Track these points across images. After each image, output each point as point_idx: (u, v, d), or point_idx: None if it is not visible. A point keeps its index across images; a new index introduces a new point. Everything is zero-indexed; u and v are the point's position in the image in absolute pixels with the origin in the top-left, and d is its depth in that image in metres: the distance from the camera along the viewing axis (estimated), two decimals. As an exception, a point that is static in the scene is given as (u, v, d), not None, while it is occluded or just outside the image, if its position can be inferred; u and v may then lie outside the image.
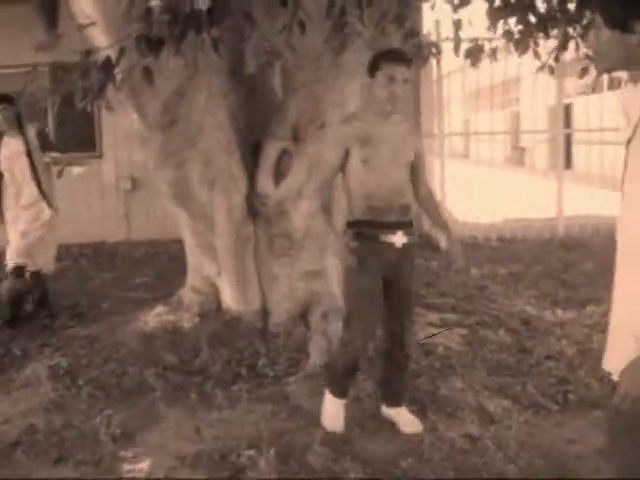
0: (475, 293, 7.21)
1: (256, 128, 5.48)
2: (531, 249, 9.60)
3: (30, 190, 6.36)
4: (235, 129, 5.34)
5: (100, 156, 11.02)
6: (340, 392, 4.18)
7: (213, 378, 4.89)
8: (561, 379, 4.90)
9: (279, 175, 5.39)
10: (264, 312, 5.63)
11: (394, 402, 4.26)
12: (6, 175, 6.43)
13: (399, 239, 3.88)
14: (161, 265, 9.30)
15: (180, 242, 6.20)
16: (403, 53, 3.88)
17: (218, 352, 5.18)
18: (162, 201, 5.89)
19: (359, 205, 3.88)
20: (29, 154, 6.31)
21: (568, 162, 19.23)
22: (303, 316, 5.63)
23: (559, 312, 6.57)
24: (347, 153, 3.85)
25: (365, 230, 3.87)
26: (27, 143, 6.33)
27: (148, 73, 4.03)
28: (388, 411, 4.28)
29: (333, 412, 4.18)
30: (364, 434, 4.14)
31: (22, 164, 6.32)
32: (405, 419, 4.21)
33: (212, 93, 5.11)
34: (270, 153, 5.38)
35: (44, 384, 4.94)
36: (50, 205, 6.43)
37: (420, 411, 4.36)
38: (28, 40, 9.94)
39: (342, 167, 3.91)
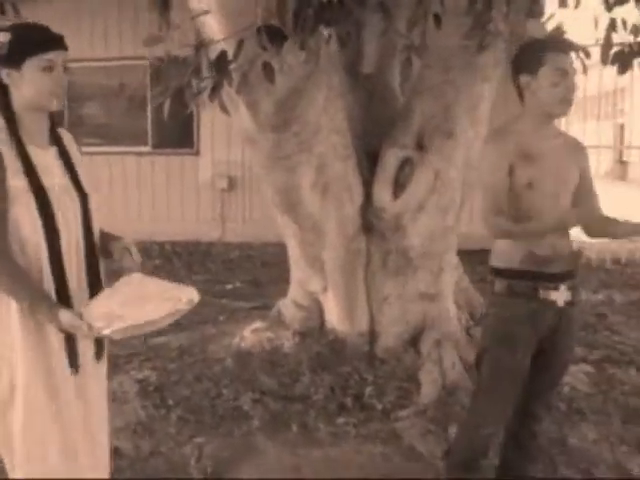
0: (594, 322, 6.59)
1: (375, 134, 5.01)
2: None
3: None
4: (353, 134, 4.87)
5: (197, 153, 10.72)
6: None
7: (315, 407, 4.42)
8: None
9: (398, 187, 4.88)
10: (372, 335, 5.14)
11: None
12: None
13: (562, 296, 2.95)
14: (255, 270, 8.92)
15: (275, 246, 5.79)
16: (570, 40, 3.10)
17: (321, 377, 4.72)
18: (268, 204, 5.44)
19: (517, 249, 2.94)
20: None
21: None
22: (414, 342, 5.13)
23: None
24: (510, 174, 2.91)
25: (521, 285, 2.95)
26: None
27: (269, 69, 3.59)
28: None
29: None
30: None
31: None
32: None
33: (331, 93, 4.64)
34: (390, 162, 4.89)
35: (132, 400, 4.57)
36: None
37: (550, 463, 3.82)
38: (131, 31, 9.85)
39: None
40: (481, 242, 4.33)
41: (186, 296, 2.32)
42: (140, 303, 2.27)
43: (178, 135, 10.59)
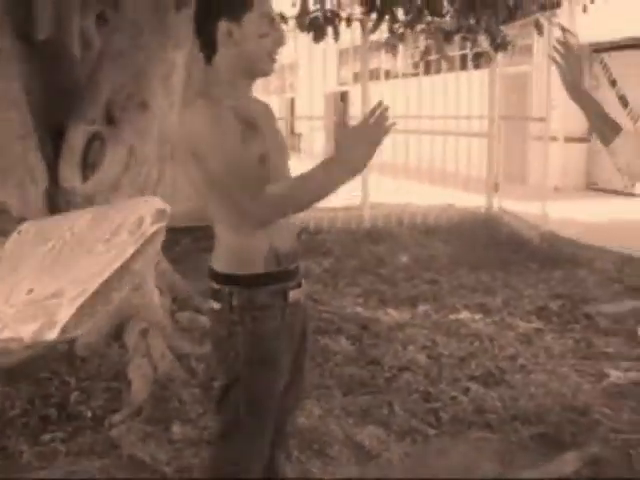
0: (296, 294, 6.55)
1: (59, 108, 4.45)
2: (339, 241, 9.09)
3: None
4: (32, 109, 4.27)
5: None
6: None
7: (14, 426, 3.83)
8: (425, 394, 4.38)
9: (88, 166, 4.38)
10: (69, 332, 4.59)
11: None
12: None
13: (303, 291, 2.55)
14: None
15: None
16: None
17: (16, 388, 4.11)
18: None
19: (258, 249, 2.39)
20: None
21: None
22: (118, 335, 4.68)
23: (393, 312, 6.10)
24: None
25: (271, 292, 2.42)
26: None
27: None
28: None
29: None
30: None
31: None
32: None
33: (1, 60, 4.00)
34: (76, 139, 4.36)
35: None
36: None
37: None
38: None
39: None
40: (176, 220, 3.97)
41: (150, 208, 1.48)
42: (75, 256, 1.38)
43: None
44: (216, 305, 2.42)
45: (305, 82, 26.25)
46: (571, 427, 3.92)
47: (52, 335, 1.30)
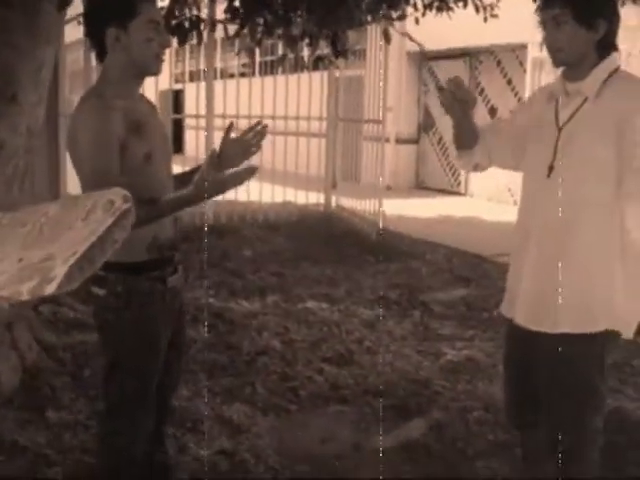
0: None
1: None
2: (184, 236, 9.20)
3: None
4: None
5: None
6: None
7: None
8: (282, 375, 4.74)
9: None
10: None
11: None
12: None
13: (180, 278, 2.78)
14: None
15: None
16: None
17: None
18: None
19: (141, 238, 2.48)
20: None
21: (180, 147, 19.25)
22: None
23: (244, 303, 6.39)
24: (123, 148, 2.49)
25: (151, 278, 2.62)
26: None
27: None
28: None
29: None
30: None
31: None
32: None
33: None
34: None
35: None
36: None
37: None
38: None
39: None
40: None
41: (116, 194, 1.64)
42: (57, 232, 1.54)
43: None
44: (100, 291, 2.61)
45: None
46: (416, 398, 4.39)
47: (51, 289, 1.44)
